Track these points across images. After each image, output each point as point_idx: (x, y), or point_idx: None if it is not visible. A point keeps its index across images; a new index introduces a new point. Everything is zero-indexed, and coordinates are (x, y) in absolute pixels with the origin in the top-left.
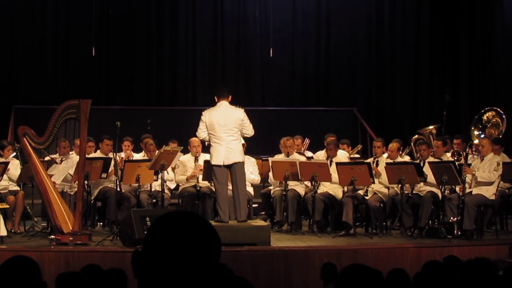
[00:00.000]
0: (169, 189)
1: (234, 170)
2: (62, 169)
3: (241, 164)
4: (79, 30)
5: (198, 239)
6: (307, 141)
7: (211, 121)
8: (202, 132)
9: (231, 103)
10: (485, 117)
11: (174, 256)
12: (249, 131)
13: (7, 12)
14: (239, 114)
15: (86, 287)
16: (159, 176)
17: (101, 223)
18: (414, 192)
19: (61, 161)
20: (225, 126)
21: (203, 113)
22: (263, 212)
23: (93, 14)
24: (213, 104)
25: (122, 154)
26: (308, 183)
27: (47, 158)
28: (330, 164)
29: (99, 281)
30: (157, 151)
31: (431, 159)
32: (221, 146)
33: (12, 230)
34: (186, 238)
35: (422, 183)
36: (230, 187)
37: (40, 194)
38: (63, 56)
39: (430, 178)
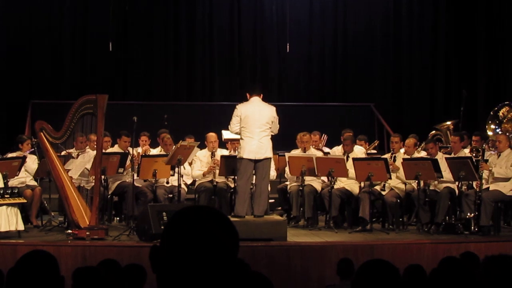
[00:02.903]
0: (185, 184)
1: (262, 165)
2: (79, 164)
3: (270, 160)
4: (96, 25)
5: (216, 233)
6: (325, 137)
7: (246, 115)
8: (235, 126)
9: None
10: (501, 113)
11: (193, 250)
12: (275, 129)
13: (25, 8)
14: (271, 111)
15: (103, 282)
16: (176, 171)
17: (118, 218)
18: (431, 188)
19: (78, 155)
20: (260, 121)
21: (237, 106)
22: (280, 208)
23: (110, 9)
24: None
25: (139, 149)
26: (325, 179)
27: (64, 153)
28: (347, 160)
29: (118, 276)
30: (173, 146)
31: (440, 155)
32: (254, 140)
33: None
34: (205, 232)
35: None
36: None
37: (57, 188)
38: (81, 51)
39: (445, 174)
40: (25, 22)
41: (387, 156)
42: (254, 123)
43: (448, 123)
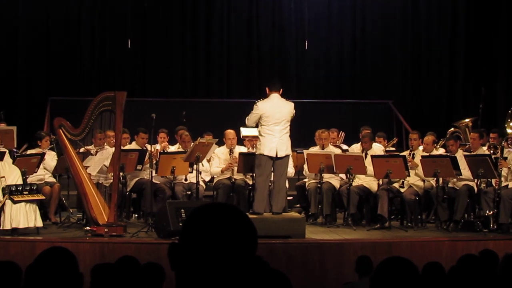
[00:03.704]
0: (204, 181)
1: (281, 162)
2: (98, 161)
3: (288, 157)
4: (115, 22)
5: (235, 231)
6: (342, 134)
7: (266, 112)
8: (251, 121)
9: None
10: None
11: (211, 248)
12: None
13: (44, 5)
14: (290, 108)
15: (121, 279)
16: (194, 168)
17: (136, 215)
18: (449, 185)
19: (96, 152)
20: (279, 119)
21: (256, 103)
22: (298, 205)
23: (129, 6)
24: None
25: (158, 146)
26: (343, 176)
27: (82, 150)
28: (365, 157)
29: (136, 274)
30: (192, 143)
31: (460, 152)
32: (275, 137)
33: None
34: (223, 229)
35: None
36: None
37: (76, 185)
38: (99, 48)
39: (465, 172)
40: (44, 19)
41: (405, 153)
42: (274, 120)
43: (467, 120)
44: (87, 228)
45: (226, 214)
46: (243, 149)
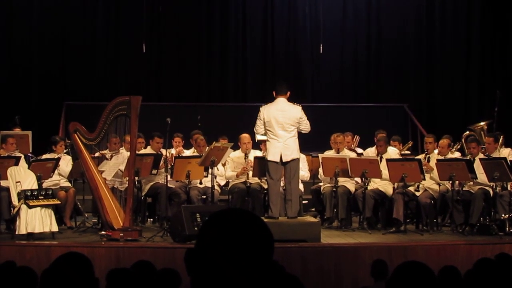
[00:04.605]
0: (219, 185)
1: (290, 166)
2: (113, 165)
3: (297, 161)
4: (129, 26)
5: (252, 236)
6: (357, 137)
7: (268, 117)
8: (259, 128)
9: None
10: None
11: (228, 253)
12: (306, 127)
13: (59, 10)
14: (296, 111)
15: (137, 284)
16: (209, 172)
17: (151, 219)
18: (465, 188)
19: (111, 157)
20: (283, 123)
21: (260, 109)
22: (313, 209)
23: (144, 10)
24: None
25: (173, 150)
26: (358, 180)
27: (97, 154)
28: (380, 161)
29: (152, 279)
30: (207, 147)
31: (481, 156)
32: (279, 142)
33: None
34: (240, 235)
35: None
36: (282, 183)
37: (91, 190)
38: (114, 52)
39: (481, 176)
40: (59, 23)
41: (421, 157)
42: (277, 125)
43: (482, 123)
44: (103, 232)
45: (243, 220)
46: (258, 153)
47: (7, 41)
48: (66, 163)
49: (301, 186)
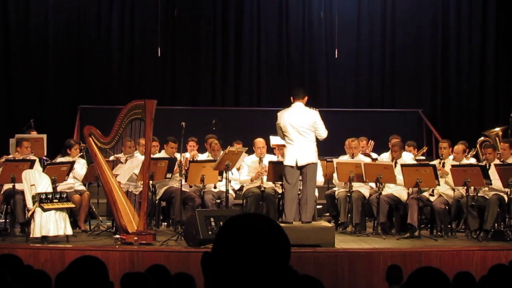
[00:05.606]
0: (233, 189)
1: (306, 170)
2: (127, 169)
3: (314, 165)
4: (144, 30)
5: (269, 241)
6: (372, 142)
7: (284, 122)
8: (279, 134)
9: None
10: None
11: (245, 258)
12: (322, 132)
13: (73, 13)
14: (312, 116)
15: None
16: (224, 176)
17: (166, 223)
18: (479, 194)
19: (126, 160)
20: (298, 128)
21: (278, 114)
22: (328, 214)
23: (159, 14)
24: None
25: (187, 155)
26: (373, 185)
27: (112, 158)
28: (395, 166)
29: (166, 283)
30: (221, 152)
31: (497, 162)
32: (294, 147)
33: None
34: (257, 240)
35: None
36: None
37: (105, 193)
38: (129, 56)
39: (496, 182)
40: (74, 27)
41: (435, 162)
42: (292, 130)
43: (497, 129)
44: (117, 236)
45: (261, 225)
46: (273, 158)
47: (22, 45)
48: (80, 167)
49: (315, 191)
